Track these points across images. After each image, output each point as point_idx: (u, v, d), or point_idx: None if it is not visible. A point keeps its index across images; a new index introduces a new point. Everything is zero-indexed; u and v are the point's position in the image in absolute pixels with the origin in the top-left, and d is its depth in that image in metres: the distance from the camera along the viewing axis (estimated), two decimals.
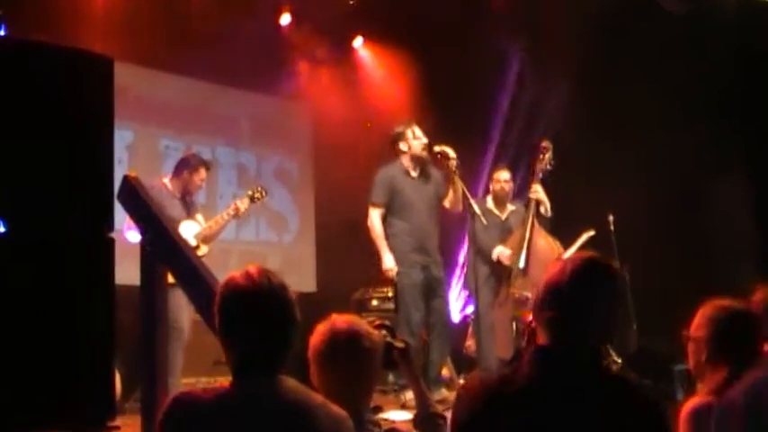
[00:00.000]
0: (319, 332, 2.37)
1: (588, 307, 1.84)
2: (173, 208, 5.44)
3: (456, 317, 7.47)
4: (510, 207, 6.47)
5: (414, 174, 5.70)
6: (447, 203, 5.71)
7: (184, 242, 3.09)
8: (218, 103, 7.90)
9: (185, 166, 5.59)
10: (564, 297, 1.84)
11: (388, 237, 5.60)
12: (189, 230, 5.50)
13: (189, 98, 7.69)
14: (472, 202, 5.45)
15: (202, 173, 5.60)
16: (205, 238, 5.58)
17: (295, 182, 8.70)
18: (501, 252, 6.13)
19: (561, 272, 1.87)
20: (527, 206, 6.16)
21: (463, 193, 5.51)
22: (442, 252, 5.87)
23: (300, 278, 8.40)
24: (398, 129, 5.70)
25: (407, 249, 5.52)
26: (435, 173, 5.79)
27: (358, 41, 8.68)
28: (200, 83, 7.71)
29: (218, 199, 7.84)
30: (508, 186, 6.41)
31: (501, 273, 6.14)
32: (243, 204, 5.65)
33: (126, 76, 7.09)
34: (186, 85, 7.66)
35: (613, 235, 6.71)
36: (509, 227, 6.36)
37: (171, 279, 3.02)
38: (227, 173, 8.07)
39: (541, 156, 6.12)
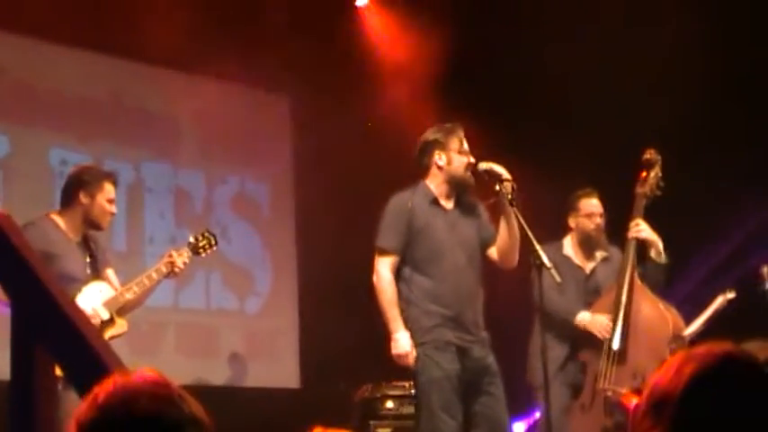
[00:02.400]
0: None
1: None
2: (69, 259, 5.39)
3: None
4: (599, 255, 6.40)
5: (447, 204, 5.62)
6: (495, 252, 5.65)
7: (82, 317, 2.87)
8: (146, 93, 7.88)
9: (79, 185, 5.48)
10: (676, 415, 1.82)
11: (405, 302, 5.48)
12: (96, 296, 5.42)
13: (98, 86, 7.67)
14: (538, 248, 5.32)
15: (108, 191, 5.49)
16: (123, 308, 5.51)
17: (265, 216, 8.67)
18: (593, 320, 6.01)
19: (676, 374, 1.85)
20: (625, 253, 6.06)
21: (523, 234, 5.39)
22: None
23: (275, 366, 8.35)
24: (436, 134, 5.62)
25: (435, 322, 5.43)
26: (477, 205, 5.71)
27: (362, 0, 8.73)
28: (117, 61, 7.68)
29: (147, 244, 7.80)
30: (602, 222, 6.37)
31: (586, 358, 6.05)
32: (181, 257, 5.62)
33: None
34: (95, 66, 7.63)
35: None
36: (596, 286, 6.29)
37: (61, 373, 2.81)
38: (159, 202, 8.03)
39: (645, 173, 6.07)
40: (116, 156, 7.54)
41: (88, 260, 5.50)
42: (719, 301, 7.07)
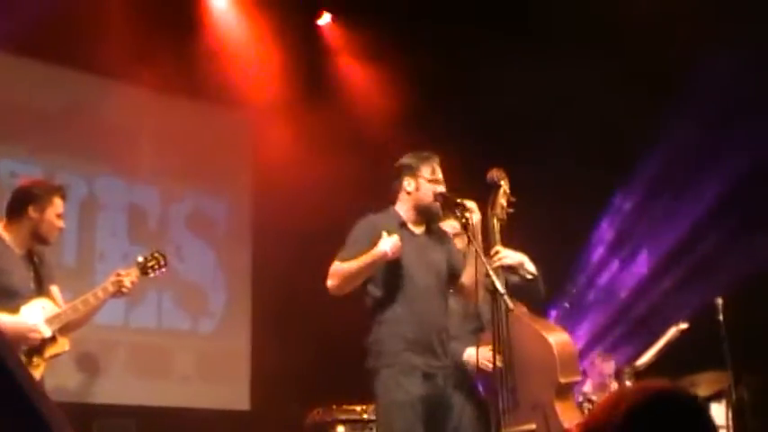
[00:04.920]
0: None
1: None
2: (13, 273, 5.27)
3: None
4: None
5: (415, 229, 5.54)
6: (458, 286, 5.58)
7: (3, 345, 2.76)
8: (101, 105, 7.78)
9: (28, 198, 5.38)
10: None
11: (374, 323, 5.35)
12: (38, 312, 5.28)
13: (52, 97, 7.57)
14: (492, 273, 5.13)
15: (58, 205, 5.40)
16: (66, 326, 5.36)
17: (221, 235, 8.60)
18: (477, 354, 5.58)
19: (611, 410, 1.89)
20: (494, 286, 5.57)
21: (477, 257, 5.22)
22: None
23: (227, 388, 8.27)
24: (409, 159, 5.56)
25: (400, 345, 5.30)
26: (447, 234, 5.63)
27: (324, 19, 8.76)
28: (71, 73, 7.61)
29: (97, 261, 7.69)
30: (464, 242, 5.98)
31: (487, 399, 5.61)
32: (129, 277, 5.49)
33: None
34: (48, 76, 7.56)
35: (723, 330, 6.61)
36: (476, 309, 5.90)
37: None
38: (112, 219, 7.94)
39: (494, 193, 5.68)
40: (69, 169, 7.47)
41: (32, 275, 5.37)
42: (672, 331, 7.00)
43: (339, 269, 5.28)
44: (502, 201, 5.62)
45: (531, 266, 5.76)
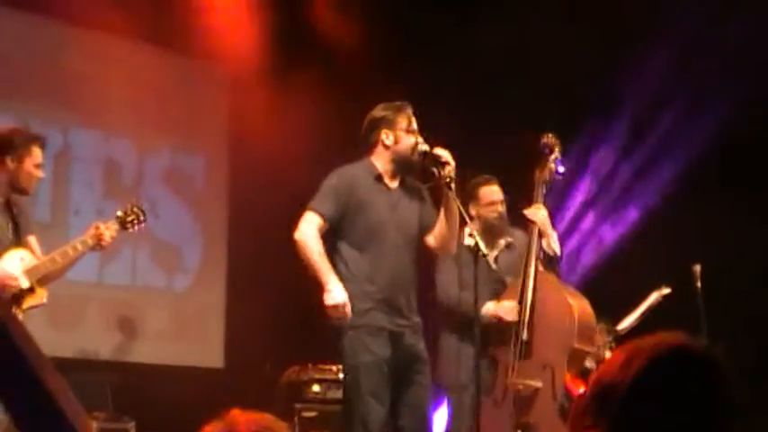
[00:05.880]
0: None
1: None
2: None
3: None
4: (503, 242, 6.21)
5: (391, 183, 5.51)
6: (432, 239, 5.59)
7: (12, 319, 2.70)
8: (75, 55, 7.65)
9: (5, 148, 5.33)
10: (620, 412, 1.76)
11: (341, 280, 5.31)
12: (16, 263, 5.27)
13: (24, 46, 7.43)
14: (475, 234, 5.24)
15: (36, 155, 5.37)
16: (44, 277, 5.35)
17: (198, 190, 8.53)
18: (498, 306, 5.85)
19: (623, 367, 1.79)
20: (529, 242, 5.90)
21: (461, 221, 5.37)
22: None
23: (201, 346, 8.25)
24: (384, 111, 5.51)
25: (369, 305, 5.32)
26: (421, 188, 5.60)
27: None
28: (46, 20, 7.49)
29: (72, 216, 7.61)
30: (503, 209, 6.20)
31: (496, 353, 5.86)
32: (109, 231, 5.47)
33: None
34: (20, 25, 7.44)
35: (700, 296, 6.71)
36: (500, 276, 6.08)
37: None
38: (87, 172, 7.85)
39: (545, 158, 5.93)
40: (43, 119, 7.29)
41: (10, 225, 5.35)
42: (654, 296, 7.07)
43: (304, 245, 5.27)
44: (552, 165, 5.86)
45: (556, 245, 5.92)
